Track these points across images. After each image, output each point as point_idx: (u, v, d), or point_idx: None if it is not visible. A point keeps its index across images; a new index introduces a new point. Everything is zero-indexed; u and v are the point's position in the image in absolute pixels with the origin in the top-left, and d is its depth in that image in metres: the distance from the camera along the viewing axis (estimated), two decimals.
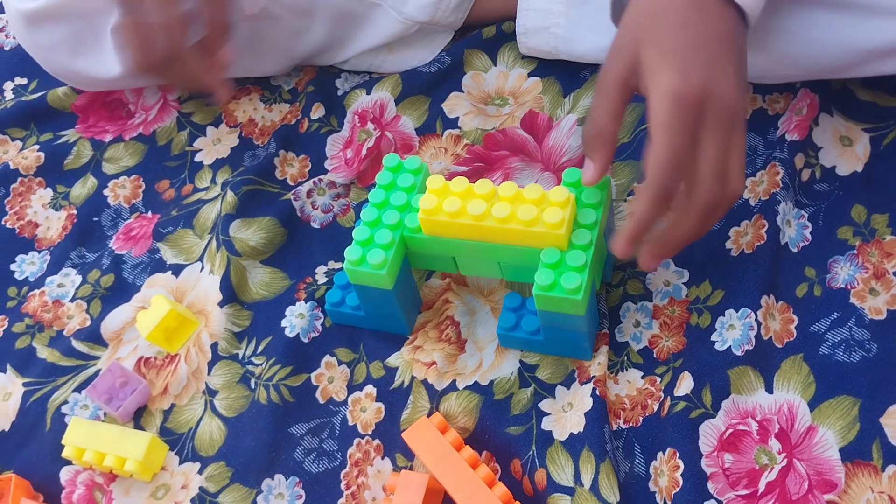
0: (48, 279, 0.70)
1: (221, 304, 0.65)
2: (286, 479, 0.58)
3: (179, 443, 0.61)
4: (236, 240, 0.68)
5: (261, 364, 0.63)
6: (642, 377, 0.58)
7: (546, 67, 0.74)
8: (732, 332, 0.57)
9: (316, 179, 0.71)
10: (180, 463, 0.60)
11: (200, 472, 0.60)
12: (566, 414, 0.57)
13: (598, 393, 0.57)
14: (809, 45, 0.58)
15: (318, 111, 0.75)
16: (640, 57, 0.49)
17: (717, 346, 0.57)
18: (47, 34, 0.70)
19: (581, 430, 0.56)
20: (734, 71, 0.49)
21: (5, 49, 0.86)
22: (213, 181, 0.73)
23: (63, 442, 0.59)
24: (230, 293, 0.66)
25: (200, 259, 0.68)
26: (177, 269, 0.68)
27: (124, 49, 0.63)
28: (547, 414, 0.58)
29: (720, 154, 0.48)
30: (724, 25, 0.50)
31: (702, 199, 0.49)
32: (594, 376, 0.57)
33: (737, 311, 0.58)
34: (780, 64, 0.60)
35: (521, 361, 0.60)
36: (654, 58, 0.48)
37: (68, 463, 0.61)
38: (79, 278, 0.70)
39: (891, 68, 0.59)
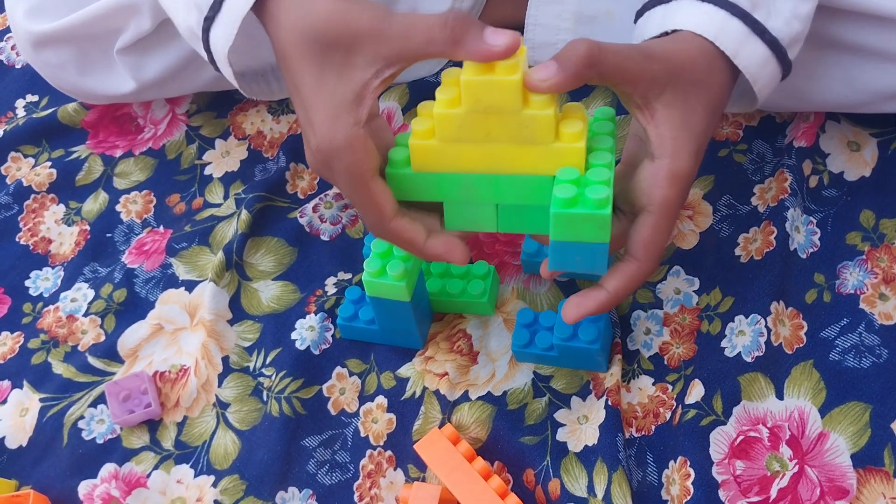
0: (62, 294, 0.71)
1: (232, 322, 0.66)
2: (300, 492, 0.59)
3: (194, 456, 0.62)
4: (247, 265, 0.69)
5: (270, 375, 0.63)
6: (653, 384, 0.59)
7: None
8: (742, 338, 0.58)
9: (322, 195, 0.72)
10: (195, 476, 0.61)
11: (215, 485, 0.60)
12: (581, 426, 0.58)
13: (610, 403, 0.57)
14: (819, 82, 0.59)
15: None
16: (661, 103, 0.47)
17: (728, 353, 0.58)
18: (55, 54, 0.71)
19: (595, 442, 0.56)
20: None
21: (16, 67, 0.87)
22: (226, 196, 0.74)
23: None
24: (240, 311, 0.67)
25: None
26: (190, 285, 0.69)
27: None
28: (562, 425, 0.58)
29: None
30: (725, 93, 0.50)
31: (646, 275, 0.50)
32: (608, 387, 0.58)
33: (746, 318, 0.58)
34: (788, 97, 0.61)
35: (534, 372, 0.60)
36: (673, 126, 0.47)
37: (86, 477, 0.62)
38: (91, 293, 0.70)
39: (895, 108, 0.60)
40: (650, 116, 0.48)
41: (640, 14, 0.54)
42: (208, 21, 0.51)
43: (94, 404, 0.65)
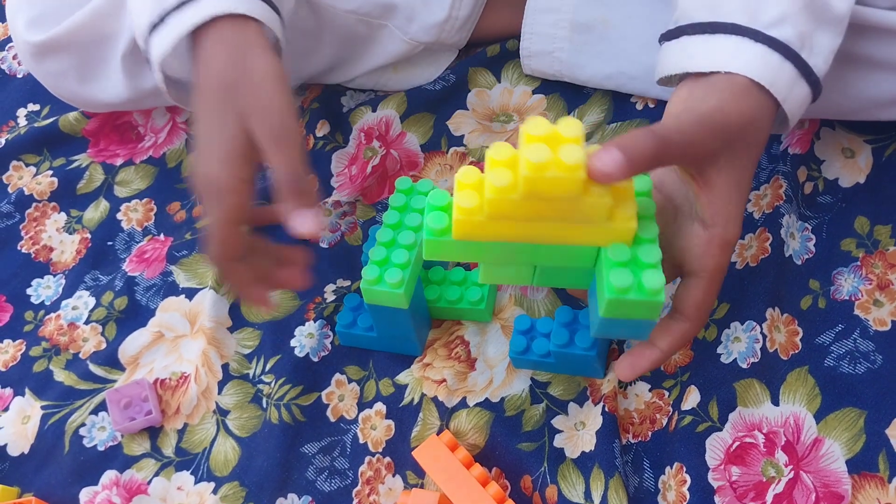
0: (63, 302, 0.71)
1: (232, 330, 0.66)
2: (299, 499, 0.59)
3: (194, 463, 0.62)
4: None
5: (270, 382, 0.64)
6: (650, 390, 0.59)
7: (550, 84, 0.74)
8: (738, 344, 0.58)
9: (321, 202, 0.72)
10: (195, 483, 0.61)
11: (215, 492, 0.61)
12: (579, 433, 0.58)
13: (607, 409, 0.57)
14: None
15: (323, 128, 0.76)
16: (715, 169, 0.47)
17: (723, 359, 0.58)
18: (56, 62, 0.72)
19: (592, 448, 0.56)
20: None
21: (18, 77, 0.87)
22: None
23: None
24: (240, 318, 0.67)
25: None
26: (190, 293, 0.69)
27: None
28: (559, 431, 0.58)
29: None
30: (765, 135, 0.49)
31: (695, 333, 0.50)
32: (605, 394, 0.58)
33: (742, 324, 0.59)
34: None
35: (532, 379, 0.61)
36: (727, 193, 0.47)
37: (87, 484, 0.62)
38: (92, 300, 0.71)
39: (888, 115, 0.60)
40: (703, 184, 0.47)
41: (672, 34, 0.51)
42: (153, 27, 0.55)
43: (95, 412, 0.65)
